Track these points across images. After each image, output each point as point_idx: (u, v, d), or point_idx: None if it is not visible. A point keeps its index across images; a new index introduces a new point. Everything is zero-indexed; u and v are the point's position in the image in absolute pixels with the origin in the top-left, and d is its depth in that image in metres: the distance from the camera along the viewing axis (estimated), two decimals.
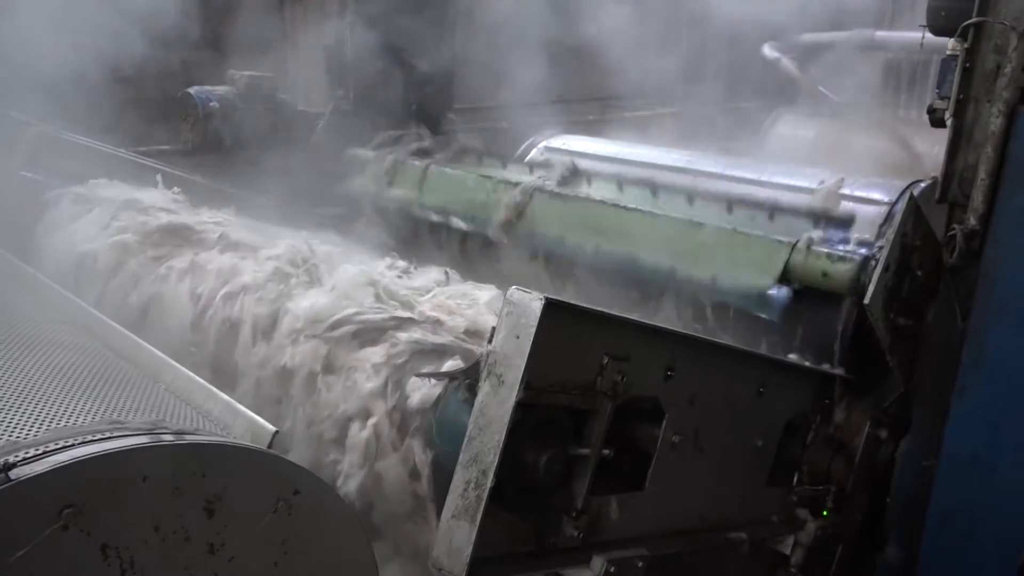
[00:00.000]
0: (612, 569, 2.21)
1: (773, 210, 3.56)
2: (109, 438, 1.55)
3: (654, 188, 3.95)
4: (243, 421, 2.07)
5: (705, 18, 7.29)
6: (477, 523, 1.90)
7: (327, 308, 2.73)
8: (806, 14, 6.72)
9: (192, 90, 5.09)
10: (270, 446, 1.94)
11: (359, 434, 2.47)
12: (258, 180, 4.62)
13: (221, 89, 5.16)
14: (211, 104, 5.03)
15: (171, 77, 5.75)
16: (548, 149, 4.67)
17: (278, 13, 7.46)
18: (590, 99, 6.79)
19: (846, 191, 3.47)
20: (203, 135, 4.97)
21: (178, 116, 5.10)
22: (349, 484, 2.46)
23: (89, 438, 1.55)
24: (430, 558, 1.96)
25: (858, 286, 2.98)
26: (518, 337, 1.92)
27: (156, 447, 1.57)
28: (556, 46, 5.47)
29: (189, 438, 1.66)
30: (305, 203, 4.75)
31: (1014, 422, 2.75)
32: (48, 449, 1.48)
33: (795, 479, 2.99)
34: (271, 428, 2.00)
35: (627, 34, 5.51)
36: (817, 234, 3.22)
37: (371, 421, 2.45)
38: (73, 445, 1.51)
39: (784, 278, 3.18)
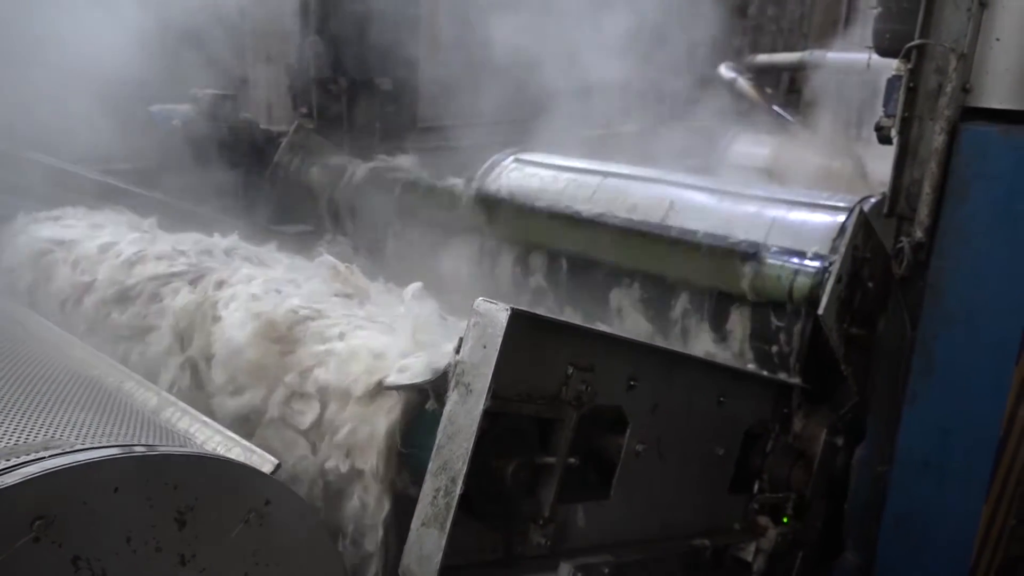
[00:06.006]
0: None
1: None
2: (81, 450, 1.55)
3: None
4: None
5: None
6: (447, 530, 1.92)
7: None
8: None
9: (154, 108, 5.07)
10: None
11: None
12: (220, 199, 4.61)
13: (183, 107, 5.14)
14: (173, 122, 5.01)
15: None
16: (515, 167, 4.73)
17: None
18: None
19: (800, 207, 3.57)
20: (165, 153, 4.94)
21: None
22: None
23: (60, 450, 1.55)
24: (400, 566, 1.98)
25: (812, 298, 3.08)
26: (485, 347, 1.96)
27: (127, 458, 1.58)
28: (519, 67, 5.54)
29: (161, 449, 1.67)
30: (268, 221, 4.75)
31: (963, 427, 2.85)
32: (19, 461, 1.48)
33: (756, 487, 3.05)
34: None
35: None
36: (773, 247, 3.31)
37: None
38: (44, 457, 1.52)
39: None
